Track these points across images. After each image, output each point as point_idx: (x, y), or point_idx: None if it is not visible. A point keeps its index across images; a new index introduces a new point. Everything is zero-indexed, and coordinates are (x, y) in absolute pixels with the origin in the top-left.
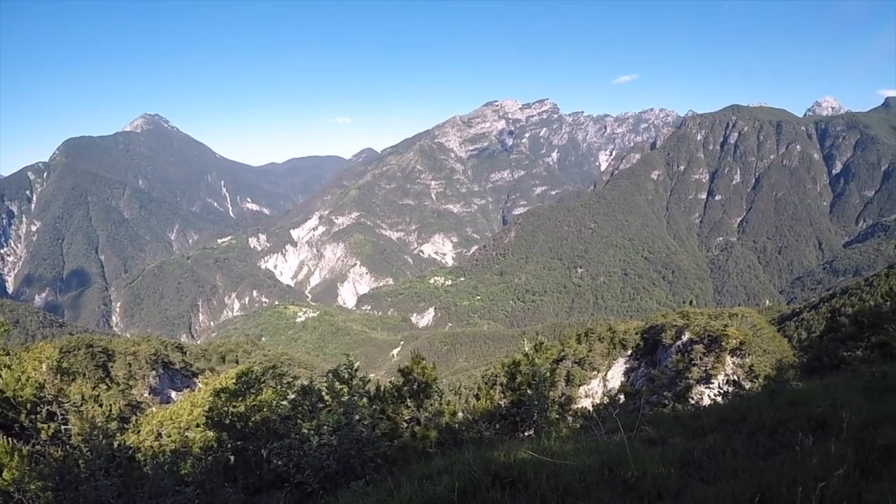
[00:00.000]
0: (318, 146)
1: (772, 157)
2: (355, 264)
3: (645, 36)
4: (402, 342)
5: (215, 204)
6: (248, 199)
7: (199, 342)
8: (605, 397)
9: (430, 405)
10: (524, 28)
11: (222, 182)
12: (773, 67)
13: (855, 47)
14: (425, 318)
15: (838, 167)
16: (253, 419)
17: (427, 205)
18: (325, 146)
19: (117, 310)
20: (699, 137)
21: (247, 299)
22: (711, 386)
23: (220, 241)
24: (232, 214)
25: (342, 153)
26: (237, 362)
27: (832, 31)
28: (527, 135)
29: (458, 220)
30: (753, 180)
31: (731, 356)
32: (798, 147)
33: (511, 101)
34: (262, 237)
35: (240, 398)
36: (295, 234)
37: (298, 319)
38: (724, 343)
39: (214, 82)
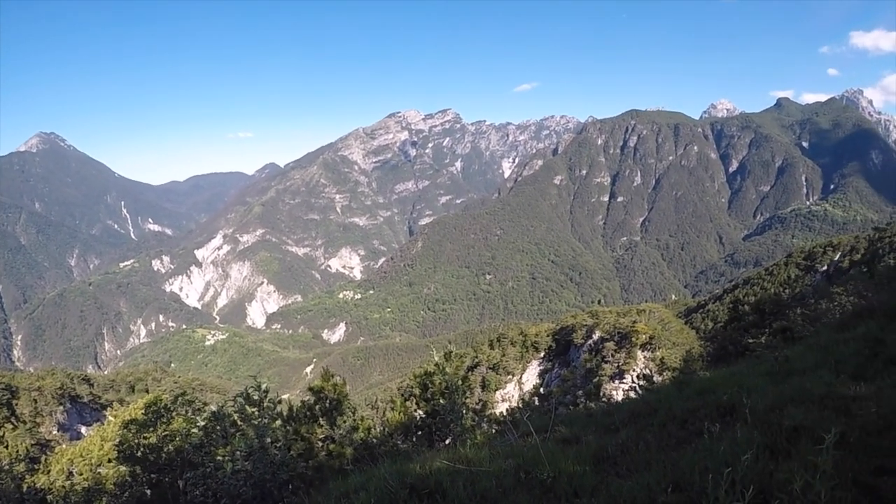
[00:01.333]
0: (221, 162)
1: (670, 158)
2: (262, 283)
3: (544, 44)
4: (314, 360)
5: (116, 226)
6: (150, 220)
7: (106, 372)
8: (521, 400)
9: (344, 422)
10: (425, 38)
11: (122, 203)
12: (670, 72)
13: (748, 51)
14: (337, 334)
15: (734, 165)
16: (166, 449)
17: (332, 219)
18: (228, 162)
19: (18, 343)
20: (600, 142)
21: (153, 324)
22: (625, 381)
23: (122, 264)
24: (133, 236)
25: (245, 169)
26: (147, 391)
27: (725, 36)
28: (430, 145)
29: (364, 232)
30: (654, 181)
31: (642, 351)
32: (695, 148)
33: (414, 111)
34: (166, 259)
35: (150, 429)
36: (199, 254)
37: (207, 343)
38: (634, 339)
39: (111, 98)
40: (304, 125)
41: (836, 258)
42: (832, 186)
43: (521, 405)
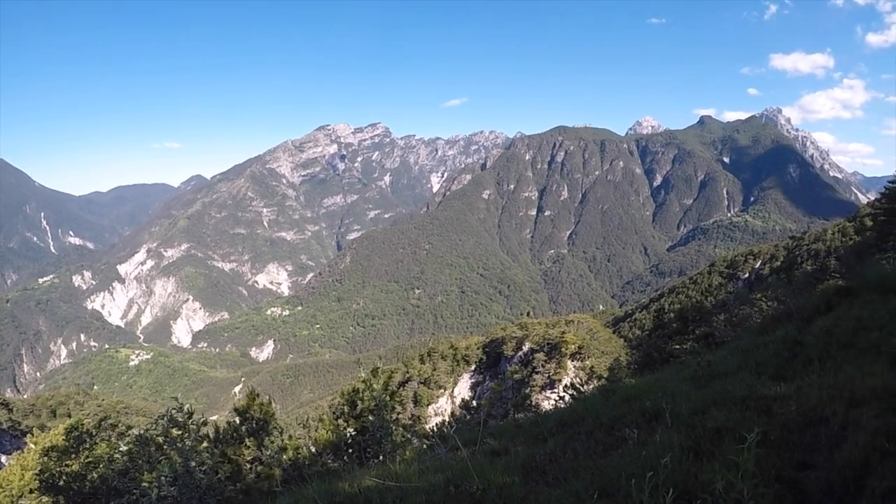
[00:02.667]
0: (145, 173)
1: (597, 173)
2: (188, 299)
3: (473, 60)
4: (243, 379)
5: (35, 238)
6: (71, 233)
7: (26, 396)
8: (451, 414)
9: (271, 442)
10: (355, 51)
11: (42, 214)
12: (598, 90)
13: (673, 70)
14: (265, 352)
15: (659, 180)
16: (90, 477)
17: (260, 233)
18: (153, 173)
19: None
20: (528, 157)
21: (74, 344)
22: (557, 391)
23: (41, 280)
24: (53, 250)
25: (170, 180)
26: (69, 415)
27: (652, 55)
28: (359, 159)
29: (292, 247)
30: (580, 195)
31: (572, 360)
32: (621, 163)
33: (343, 125)
34: (87, 274)
35: (73, 455)
36: (122, 269)
37: (132, 363)
38: (563, 349)
39: (31, 103)
40: (233, 136)
41: (756, 266)
42: (752, 199)
43: (451, 419)
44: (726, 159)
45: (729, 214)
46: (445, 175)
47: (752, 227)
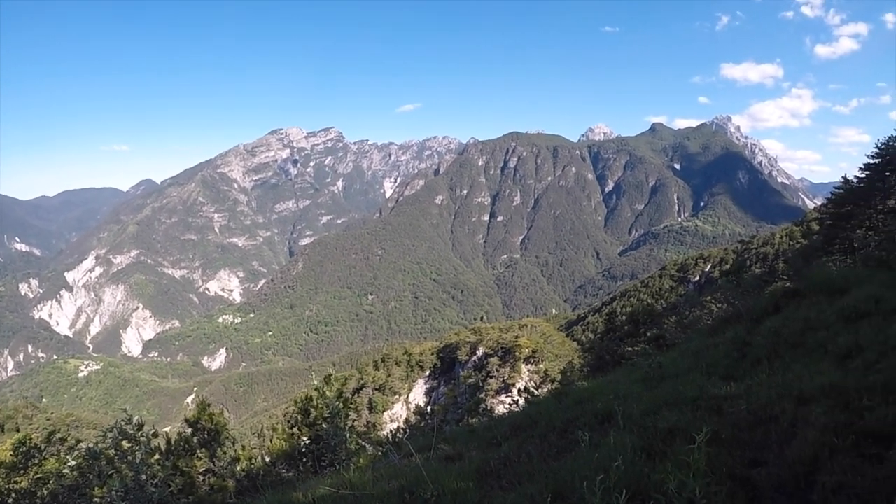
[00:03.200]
0: (94, 177)
1: (549, 178)
2: (138, 307)
3: (427, 65)
4: (195, 389)
5: None
6: (17, 239)
7: None
8: (406, 421)
9: (224, 453)
10: (310, 53)
11: None
12: (551, 96)
13: (625, 78)
14: (217, 361)
15: (610, 185)
16: (39, 494)
17: (211, 239)
18: (101, 177)
19: None
20: (481, 163)
21: (21, 356)
22: (511, 395)
23: None
24: None
25: (119, 185)
26: (18, 430)
27: (605, 63)
28: (312, 163)
29: (243, 253)
30: (533, 201)
31: (526, 364)
32: (573, 169)
33: (296, 129)
34: (34, 282)
35: (21, 472)
36: (70, 276)
37: (81, 374)
38: (517, 353)
39: None
40: (184, 139)
41: (706, 269)
42: (702, 204)
43: (405, 425)
44: (677, 165)
45: (679, 219)
46: (398, 180)
47: (703, 232)
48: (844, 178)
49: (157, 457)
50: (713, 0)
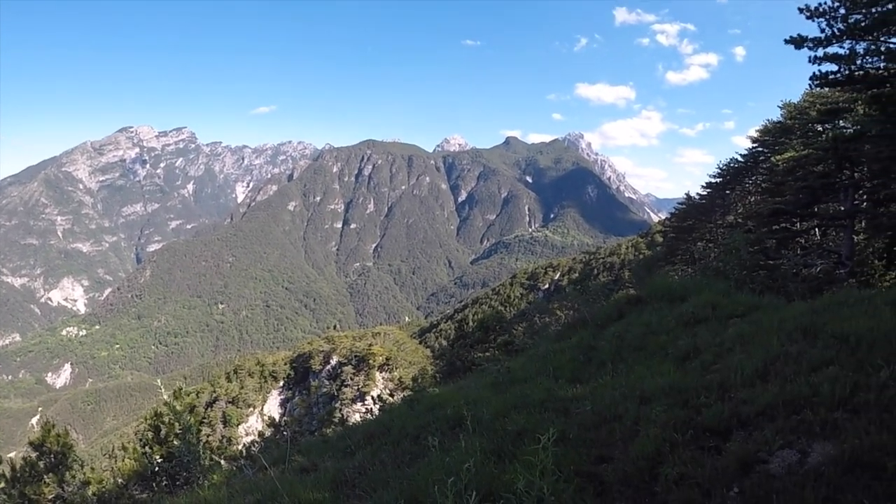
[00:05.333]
0: None
1: (403, 187)
2: None
3: (284, 67)
4: (40, 409)
5: None
6: None
7: None
8: (259, 434)
9: (73, 477)
10: (163, 48)
11: None
12: (408, 106)
13: (483, 91)
14: (62, 377)
15: (464, 195)
16: None
17: (53, 244)
18: None
19: None
20: (335, 169)
21: None
22: (366, 403)
23: None
24: None
25: None
26: None
27: (464, 76)
28: (162, 164)
29: (88, 260)
30: (387, 209)
31: (380, 372)
32: (428, 178)
33: (147, 127)
34: None
35: None
36: None
37: None
38: (371, 361)
39: None
40: (25, 132)
41: (556, 277)
42: (552, 216)
43: (259, 438)
44: (529, 178)
45: (530, 230)
46: (251, 185)
47: (552, 242)
48: (687, 194)
49: (1, 485)
50: (574, 22)
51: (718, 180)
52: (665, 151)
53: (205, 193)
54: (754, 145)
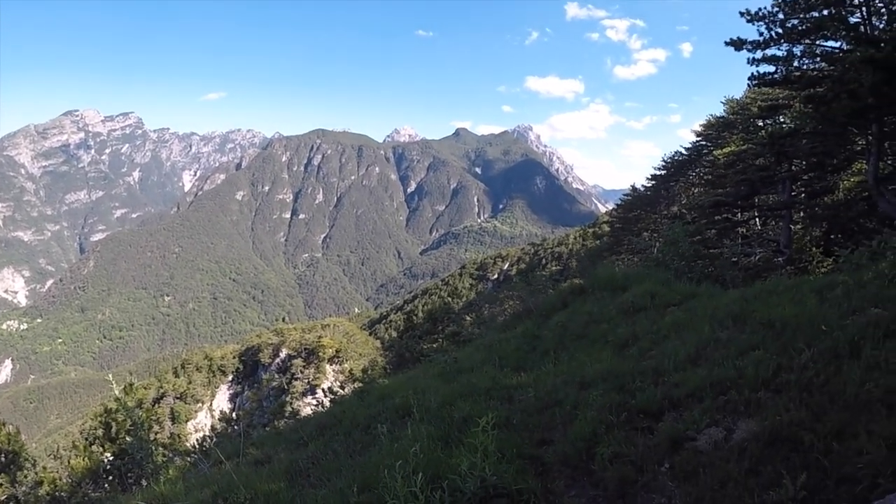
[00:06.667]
0: None
1: (353, 177)
2: None
3: (234, 53)
4: None
5: None
6: None
7: None
8: (212, 428)
9: (25, 477)
10: (109, 26)
11: None
12: (359, 95)
13: (434, 82)
14: (3, 373)
15: (413, 186)
16: None
17: None
18: None
19: None
20: (284, 158)
21: None
22: (317, 396)
23: None
24: None
25: None
26: None
27: (416, 65)
28: (107, 150)
29: (29, 249)
30: (335, 199)
31: (331, 364)
32: (377, 169)
33: (93, 111)
34: None
35: None
36: None
37: None
38: (321, 353)
39: None
40: None
41: (505, 268)
42: (501, 206)
43: (212, 433)
44: (478, 169)
45: (479, 220)
46: (199, 173)
47: (501, 233)
48: (633, 186)
49: None
50: (525, 15)
51: (663, 172)
52: (613, 144)
53: (151, 181)
54: (698, 139)
